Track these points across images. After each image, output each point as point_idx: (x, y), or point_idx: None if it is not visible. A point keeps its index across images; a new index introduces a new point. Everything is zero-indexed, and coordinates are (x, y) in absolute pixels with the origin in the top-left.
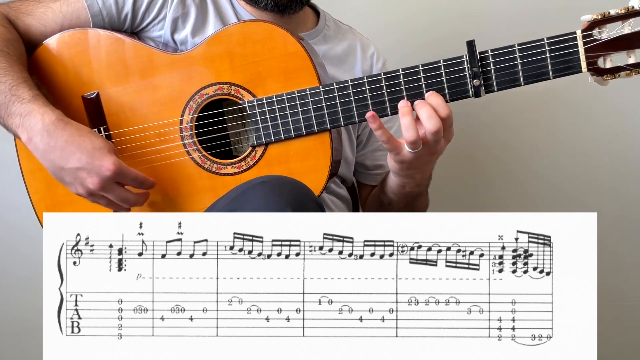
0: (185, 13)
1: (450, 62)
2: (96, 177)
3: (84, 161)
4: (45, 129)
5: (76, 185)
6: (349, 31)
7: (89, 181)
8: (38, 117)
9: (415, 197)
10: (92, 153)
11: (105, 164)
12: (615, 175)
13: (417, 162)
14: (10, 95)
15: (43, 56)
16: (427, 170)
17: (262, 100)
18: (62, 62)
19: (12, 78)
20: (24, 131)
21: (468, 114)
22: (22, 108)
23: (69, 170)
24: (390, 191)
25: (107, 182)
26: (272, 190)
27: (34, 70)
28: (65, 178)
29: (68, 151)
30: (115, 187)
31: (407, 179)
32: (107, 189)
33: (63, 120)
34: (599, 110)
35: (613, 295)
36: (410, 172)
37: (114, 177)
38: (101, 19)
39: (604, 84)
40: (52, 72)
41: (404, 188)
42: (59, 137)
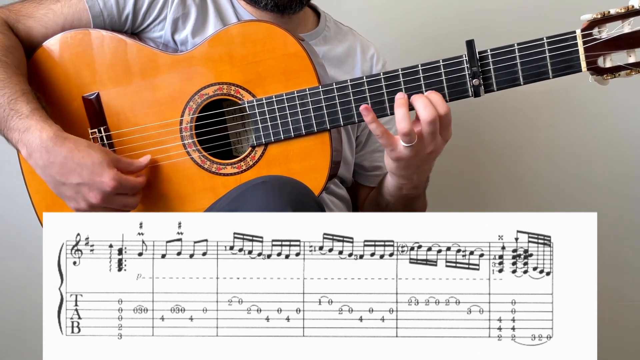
0: (186, 13)
1: (449, 61)
2: (98, 192)
3: (84, 177)
4: (44, 146)
5: (78, 199)
6: (350, 32)
7: (91, 196)
8: (36, 134)
9: (412, 199)
10: (92, 169)
11: (106, 179)
12: (615, 175)
13: (413, 160)
14: (9, 110)
15: (43, 57)
16: (424, 171)
17: (262, 101)
18: (62, 63)
19: (10, 91)
20: (24, 146)
21: (468, 114)
22: (20, 124)
23: (70, 185)
24: (388, 193)
25: (108, 196)
26: (272, 190)
27: (34, 71)
28: (66, 193)
29: (68, 168)
30: (117, 198)
31: (404, 180)
32: (109, 201)
33: (61, 136)
34: (599, 110)
35: (613, 295)
36: (407, 172)
37: (115, 191)
38: (102, 19)
39: (604, 83)
40: (52, 73)
41: (401, 190)
42: (58, 154)
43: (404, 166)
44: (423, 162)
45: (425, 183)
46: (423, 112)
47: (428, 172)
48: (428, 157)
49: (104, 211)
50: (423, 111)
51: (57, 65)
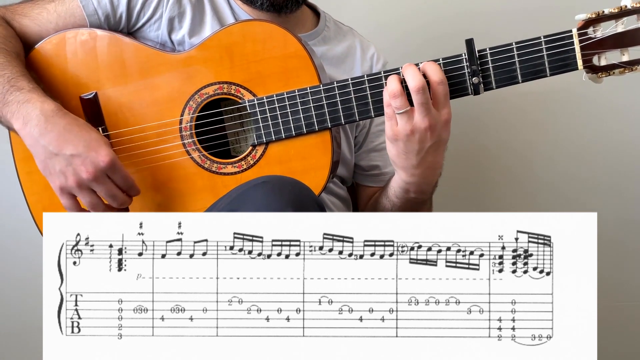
0: (182, 13)
1: (449, 60)
2: (90, 166)
3: (80, 149)
4: (43, 114)
5: (67, 174)
6: (349, 32)
7: (82, 170)
8: (37, 105)
9: (419, 204)
10: (89, 143)
11: (101, 154)
12: (615, 175)
13: (411, 142)
14: (8, 86)
15: (40, 56)
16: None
17: (263, 100)
18: (59, 63)
19: (10, 72)
20: (19, 117)
21: (468, 114)
22: (21, 96)
23: (63, 156)
24: (394, 194)
25: (100, 173)
26: (272, 190)
27: (30, 70)
28: (56, 166)
29: (65, 138)
30: (107, 181)
31: (407, 177)
32: (99, 180)
33: (62, 110)
34: (599, 110)
35: (613, 295)
36: (408, 162)
37: (108, 169)
38: (97, 18)
39: (599, 81)
40: (49, 73)
41: (408, 193)
42: (57, 124)
43: (404, 150)
44: (422, 147)
45: (433, 188)
46: (411, 80)
47: (432, 175)
48: (427, 140)
49: (88, 198)
50: (411, 80)
51: (54, 65)
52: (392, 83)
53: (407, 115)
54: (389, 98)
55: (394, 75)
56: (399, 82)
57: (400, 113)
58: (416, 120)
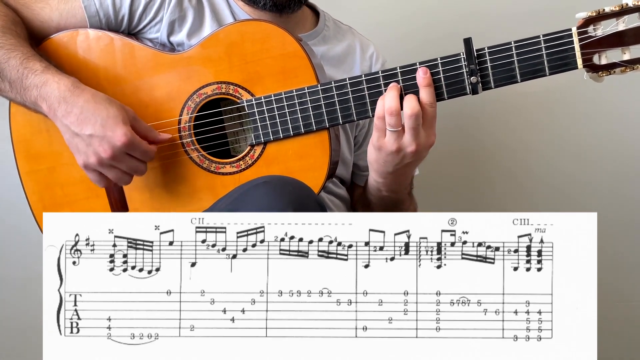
0: (182, 16)
1: (447, 59)
2: (108, 147)
3: (97, 129)
4: (62, 96)
5: (89, 153)
6: (349, 31)
7: (101, 150)
8: (54, 86)
9: (394, 202)
10: (106, 121)
11: (118, 133)
12: (615, 175)
13: (393, 155)
14: (22, 69)
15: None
16: (401, 175)
17: (261, 99)
18: (59, 63)
19: (21, 53)
20: (43, 101)
21: (467, 114)
22: (37, 79)
23: (83, 137)
24: (369, 192)
25: (118, 152)
26: (274, 190)
27: None
28: (79, 145)
29: (82, 118)
30: (127, 158)
31: (379, 177)
32: (118, 159)
33: (79, 87)
34: (598, 110)
35: (613, 295)
36: (384, 168)
37: (125, 148)
38: (98, 19)
39: (599, 80)
40: None
41: (380, 191)
42: (75, 104)
43: (384, 160)
44: (402, 162)
45: (406, 189)
46: (406, 107)
47: (406, 180)
48: (408, 158)
49: (112, 174)
50: (406, 107)
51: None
52: (391, 100)
53: (397, 134)
54: (383, 112)
55: (393, 86)
56: (398, 99)
57: (391, 131)
58: (404, 141)
